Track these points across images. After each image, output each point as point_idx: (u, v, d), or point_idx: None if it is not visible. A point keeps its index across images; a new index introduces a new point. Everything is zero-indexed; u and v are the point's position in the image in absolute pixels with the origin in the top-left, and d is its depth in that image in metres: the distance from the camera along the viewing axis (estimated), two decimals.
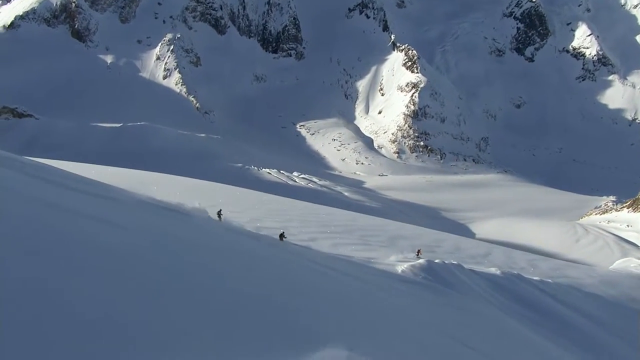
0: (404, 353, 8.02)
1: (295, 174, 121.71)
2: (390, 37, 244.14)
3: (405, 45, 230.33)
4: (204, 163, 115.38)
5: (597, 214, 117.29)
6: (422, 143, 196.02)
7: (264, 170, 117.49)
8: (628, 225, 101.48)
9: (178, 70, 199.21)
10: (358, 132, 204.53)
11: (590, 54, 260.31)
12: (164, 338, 4.44)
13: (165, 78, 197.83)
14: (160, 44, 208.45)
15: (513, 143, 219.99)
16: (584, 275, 28.69)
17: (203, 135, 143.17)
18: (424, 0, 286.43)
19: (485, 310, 16.21)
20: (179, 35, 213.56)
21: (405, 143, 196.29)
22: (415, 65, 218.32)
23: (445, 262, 19.34)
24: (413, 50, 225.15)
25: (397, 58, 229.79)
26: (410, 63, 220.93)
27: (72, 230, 6.80)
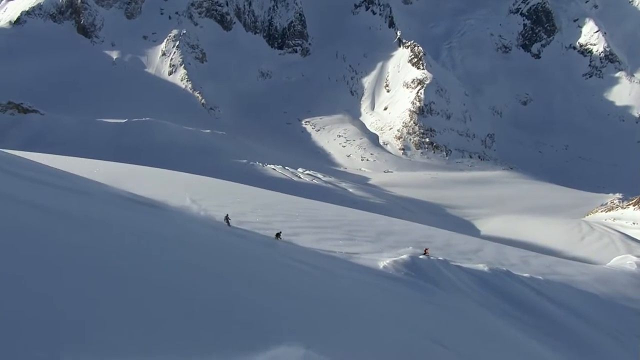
0: (369, 351, 7.75)
1: (300, 170, 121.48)
2: (396, 33, 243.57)
3: (411, 42, 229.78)
4: (209, 159, 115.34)
5: (602, 212, 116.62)
6: (427, 139, 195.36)
7: (269, 167, 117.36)
8: (634, 223, 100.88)
9: (183, 66, 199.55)
10: (363, 128, 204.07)
11: (598, 51, 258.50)
12: (112, 336, 4.26)
13: (171, 74, 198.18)
14: (166, 40, 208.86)
15: (519, 140, 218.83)
16: (577, 273, 28.25)
17: (208, 131, 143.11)
18: None
19: (469, 308, 15.88)
20: (185, 31, 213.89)
21: (411, 139, 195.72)
22: (421, 62, 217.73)
23: (431, 257, 19.03)
24: (419, 47, 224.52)
25: (402, 54, 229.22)
26: (416, 59, 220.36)
27: (33, 226, 6.61)
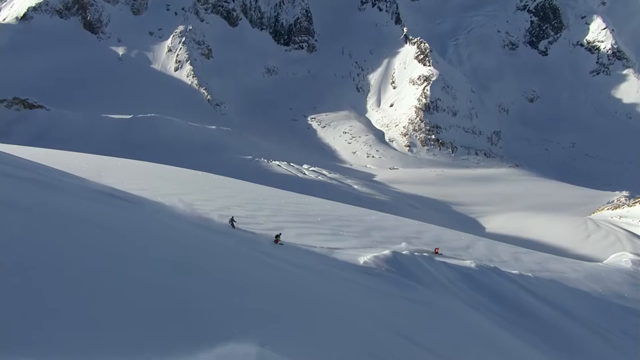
0: (331, 349, 7.50)
1: (305, 167, 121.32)
2: (403, 29, 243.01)
3: (418, 38, 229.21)
4: (214, 155, 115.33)
5: (609, 209, 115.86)
6: (433, 136, 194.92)
7: (274, 163, 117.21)
8: None
9: (189, 62, 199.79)
10: (369, 125, 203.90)
11: (605, 48, 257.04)
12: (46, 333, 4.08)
13: (177, 70, 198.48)
14: (172, 36, 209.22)
15: (525, 137, 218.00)
16: (569, 270, 27.81)
17: (214, 127, 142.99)
18: None
19: (450, 306, 15.50)
20: (191, 27, 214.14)
21: (417, 136, 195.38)
22: (428, 58, 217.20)
23: (415, 253, 18.74)
24: (425, 43, 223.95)
25: (409, 51, 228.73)
26: (423, 56, 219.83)
27: None
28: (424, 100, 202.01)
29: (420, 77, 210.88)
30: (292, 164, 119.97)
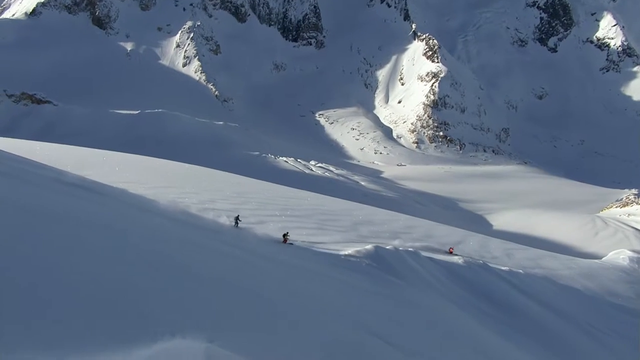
0: (289, 346, 7.21)
1: (312, 163, 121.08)
2: (411, 26, 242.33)
3: (426, 35, 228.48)
4: (222, 151, 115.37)
5: (617, 207, 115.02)
6: (441, 133, 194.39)
7: (281, 159, 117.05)
8: None
9: (198, 58, 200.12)
10: (377, 121, 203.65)
11: (615, 45, 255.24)
12: None
13: (185, 66, 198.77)
14: (180, 32, 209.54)
15: (534, 134, 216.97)
16: (562, 267, 27.29)
17: (221, 123, 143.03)
18: None
19: (432, 303, 15.04)
20: (199, 23, 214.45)
21: (425, 133, 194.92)
22: (436, 55, 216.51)
23: (399, 248, 18.32)
24: (434, 40, 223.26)
25: (417, 47, 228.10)
26: (431, 52, 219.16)
27: None
28: (432, 97, 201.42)
29: (429, 73, 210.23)
30: (299, 160, 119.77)
